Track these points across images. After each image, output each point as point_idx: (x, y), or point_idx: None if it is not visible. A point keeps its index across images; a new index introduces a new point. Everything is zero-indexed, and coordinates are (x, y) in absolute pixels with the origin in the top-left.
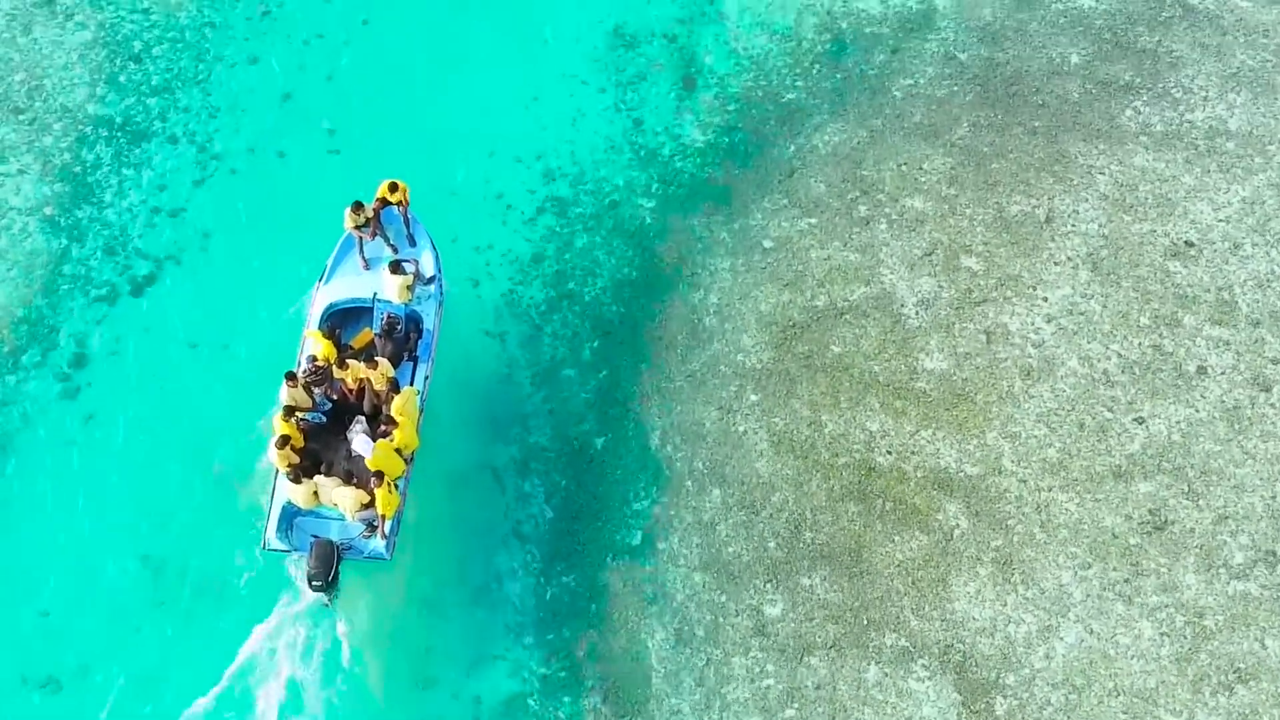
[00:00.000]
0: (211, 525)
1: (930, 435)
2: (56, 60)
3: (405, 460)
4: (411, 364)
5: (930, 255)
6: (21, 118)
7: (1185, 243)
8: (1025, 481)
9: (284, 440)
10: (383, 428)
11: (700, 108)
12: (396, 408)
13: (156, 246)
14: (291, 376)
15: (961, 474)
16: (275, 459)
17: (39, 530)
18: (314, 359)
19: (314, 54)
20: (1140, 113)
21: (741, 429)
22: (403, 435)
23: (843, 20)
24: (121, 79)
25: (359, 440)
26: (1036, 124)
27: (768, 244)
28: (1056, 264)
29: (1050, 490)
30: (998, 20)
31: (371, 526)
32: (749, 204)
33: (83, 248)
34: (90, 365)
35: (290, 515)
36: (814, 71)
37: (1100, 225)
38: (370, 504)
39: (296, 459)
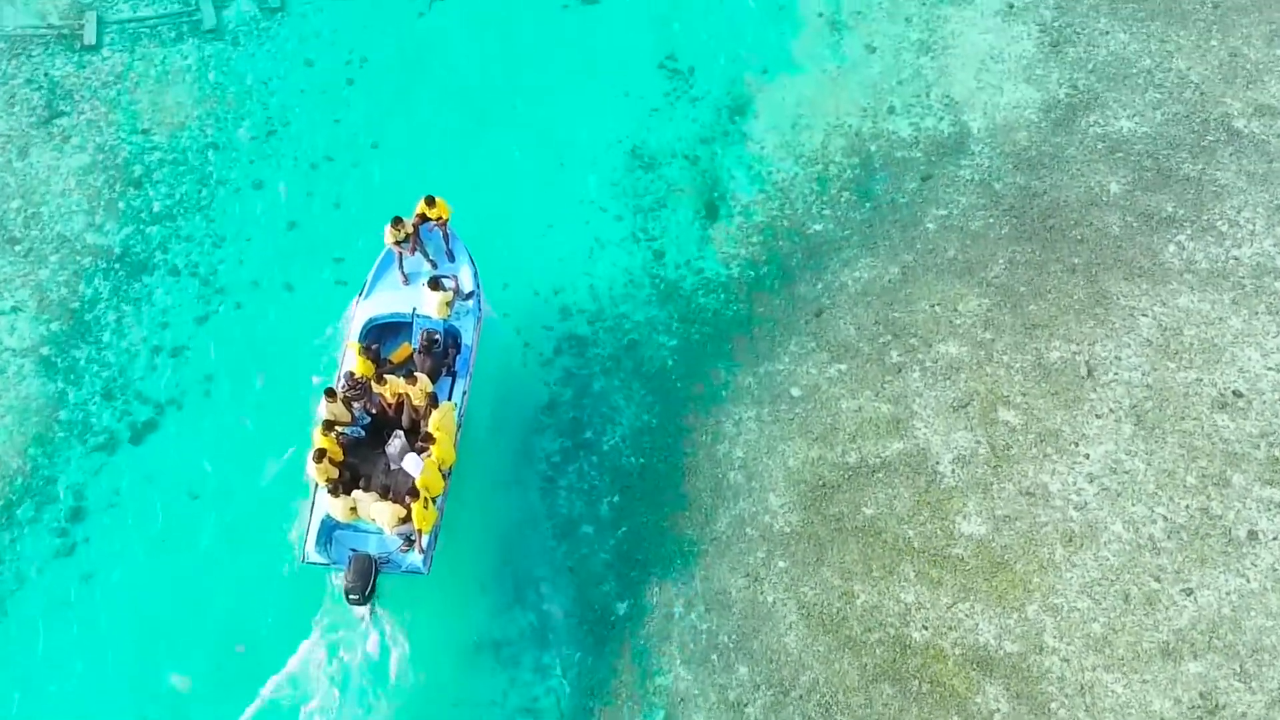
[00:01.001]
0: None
1: (968, 608)
2: (54, 186)
3: (445, 476)
4: (450, 379)
5: (966, 407)
6: (17, 249)
7: (1233, 393)
8: (1068, 660)
9: (320, 454)
10: (420, 443)
11: (723, 238)
12: (434, 423)
13: (157, 389)
14: (331, 392)
15: (1001, 652)
16: (313, 473)
17: (33, 701)
18: (352, 374)
19: (321, 178)
20: (1184, 248)
21: (770, 599)
22: (440, 450)
23: (872, 143)
24: (121, 206)
25: (409, 460)
26: (1076, 260)
27: (796, 392)
28: (1098, 417)
29: (1094, 670)
30: (1033, 145)
31: (409, 541)
32: (775, 346)
33: (80, 391)
34: (88, 519)
35: (329, 529)
36: (842, 200)
37: (1143, 374)
38: (408, 518)
39: (335, 473)
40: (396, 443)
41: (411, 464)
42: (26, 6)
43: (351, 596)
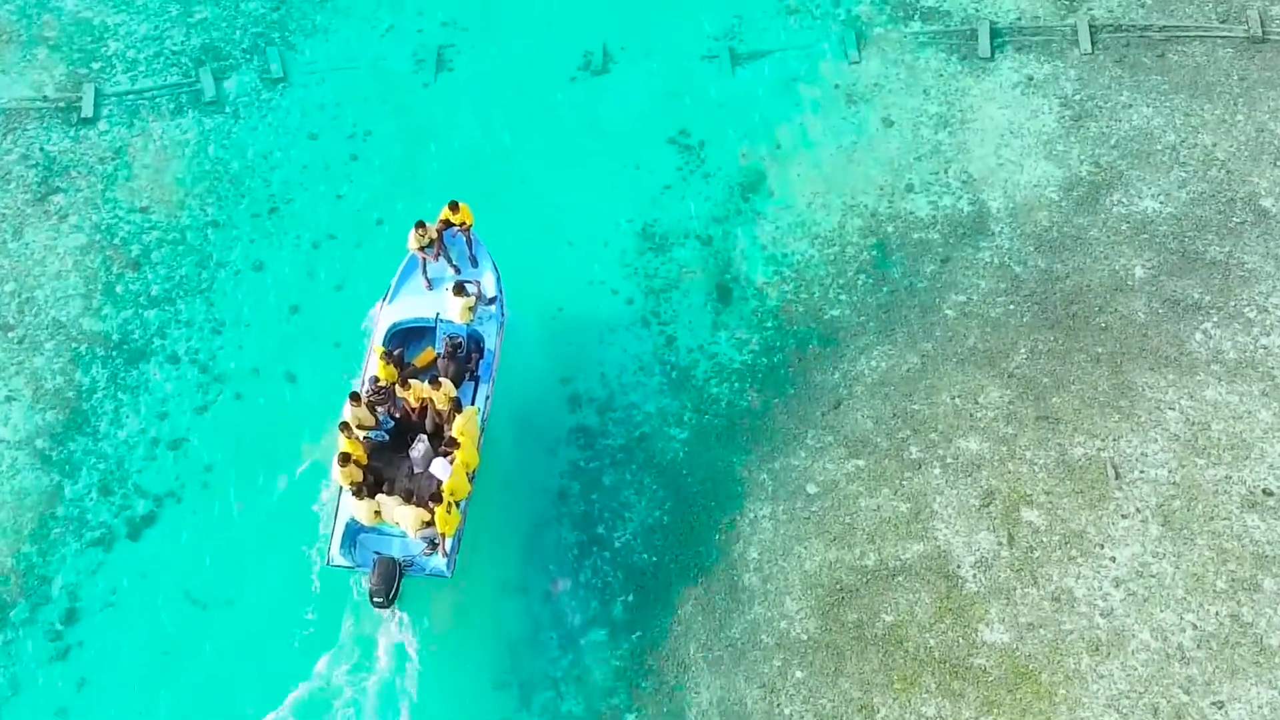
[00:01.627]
0: None
1: None
2: (49, 267)
3: (469, 479)
4: (473, 383)
5: (988, 506)
6: (11, 335)
7: (1264, 491)
8: None
9: (345, 458)
10: (444, 447)
11: (737, 323)
12: (458, 428)
13: (156, 482)
14: (355, 396)
15: None
16: (338, 476)
17: None
18: (376, 379)
19: (323, 258)
20: (1211, 336)
21: (787, 711)
22: (464, 454)
23: (889, 223)
24: (118, 289)
25: (437, 464)
26: (1100, 350)
27: (812, 489)
28: (1124, 517)
29: None
30: (1055, 226)
31: (432, 544)
32: (791, 440)
33: (76, 485)
34: (83, 620)
35: (353, 532)
36: (859, 283)
37: (1170, 471)
38: (431, 522)
39: (359, 476)
40: (420, 447)
41: (439, 468)
42: (22, 77)
43: (376, 599)
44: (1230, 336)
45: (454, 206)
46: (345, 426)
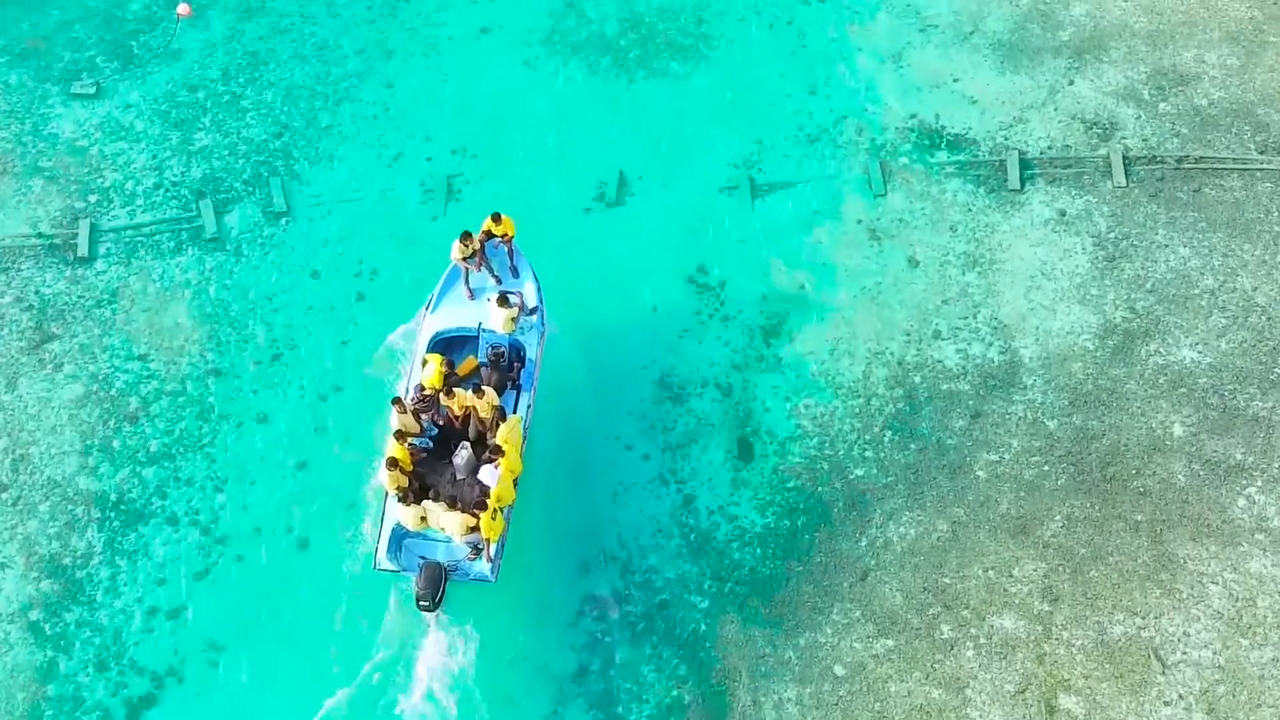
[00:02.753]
0: None
1: None
2: (44, 421)
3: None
4: (515, 392)
5: (1024, 692)
6: (5, 496)
7: None
8: None
9: (393, 462)
10: (488, 455)
11: (759, 481)
12: (502, 436)
13: (154, 658)
14: (399, 402)
15: None
16: (386, 481)
17: None
18: (421, 387)
19: (330, 411)
20: (1254, 502)
21: None
22: (509, 462)
23: (916, 373)
24: (116, 445)
25: (485, 471)
26: (1139, 517)
27: (840, 670)
28: (1167, 704)
29: None
30: (1089, 379)
31: (476, 549)
32: (817, 613)
33: (71, 660)
34: None
35: (399, 537)
36: (885, 440)
37: (1214, 652)
38: (476, 528)
39: (406, 481)
40: (463, 454)
41: (487, 475)
42: (16, 213)
43: (422, 603)
44: (1275, 502)
45: (496, 218)
46: (399, 434)
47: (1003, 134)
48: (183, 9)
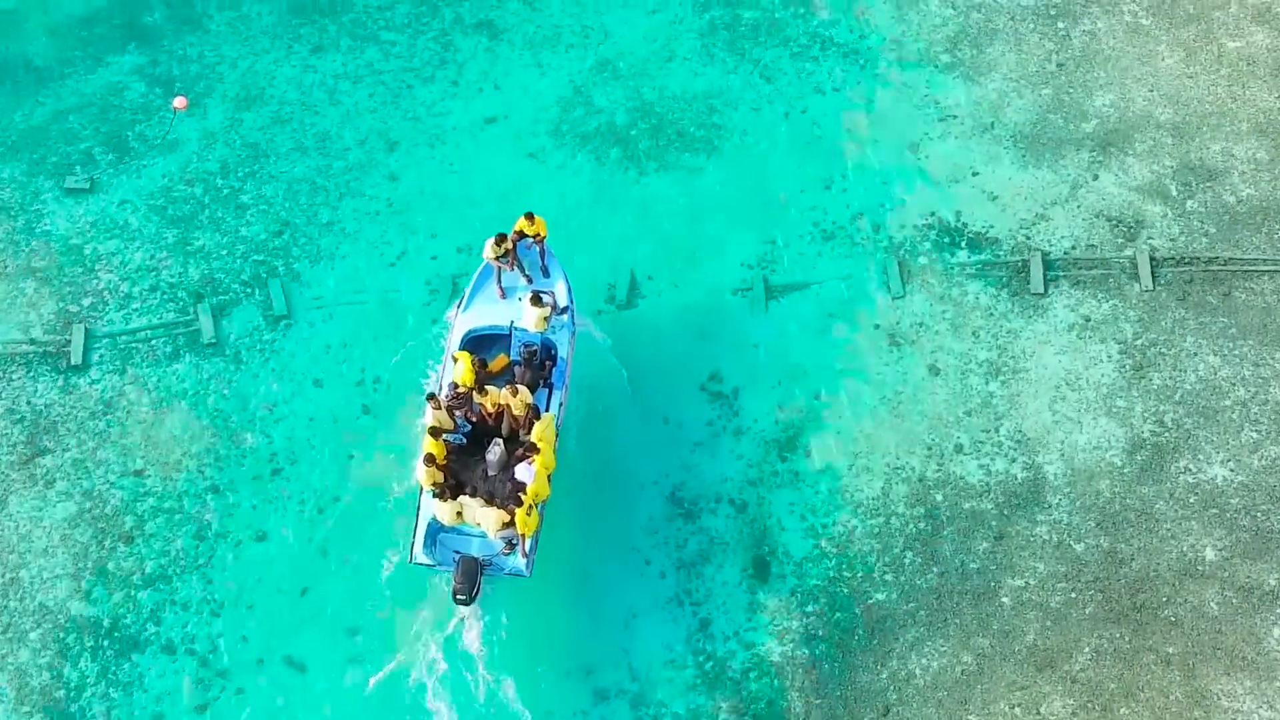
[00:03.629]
0: None
1: None
2: (35, 542)
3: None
4: (547, 390)
5: None
6: None
7: None
8: None
9: (429, 458)
10: (521, 452)
11: (775, 605)
12: (537, 434)
13: None
14: (434, 398)
15: None
16: (422, 476)
17: None
18: (455, 385)
19: (335, 530)
20: None
21: None
22: (544, 459)
23: (937, 490)
24: (110, 567)
25: (521, 469)
26: (1170, 650)
27: None
28: None
29: None
30: (1117, 498)
31: (510, 544)
32: None
33: None
34: None
35: (434, 532)
36: (906, 561)
37: None
38: (511, 523)
39: (441, 477)
40: (496, 450)
41: (523, 472)
42: (8, 316)
43: (459, 597)
44: None
45: (530, 217)
46: (433, 430)
47: (1025, 232)
48: (178, 102)
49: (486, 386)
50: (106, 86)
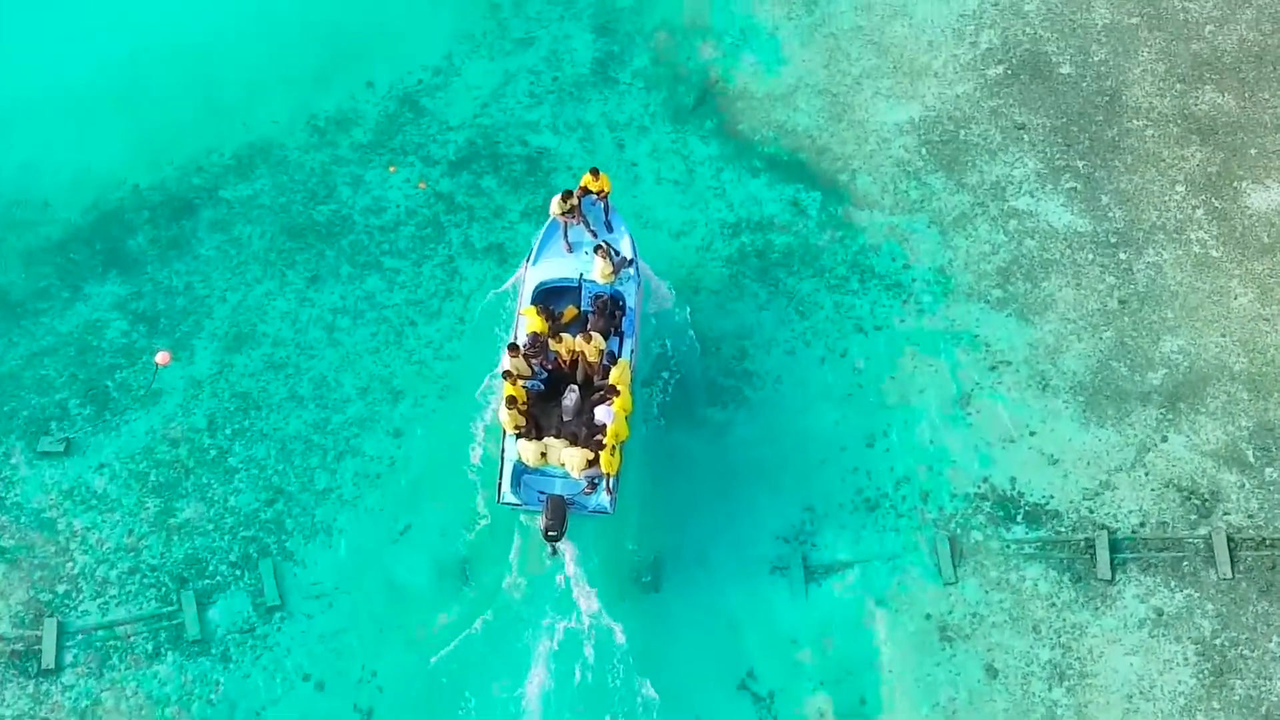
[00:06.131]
0: None
1: None
2: None
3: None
4: (618, 338)
5: None
6: None
7: None
8: None
9: (511, 401)
10: (600, 395)
11: None
12: (615, 377)
13: None
14: (514, 347)
15: None
16: (505, 420)
17: None
18: (534, 334)
19: None
20: None
21: None
22: (621, 401)
23: None
24: None
25: (601, 410)
26: None
27: None
28: None
29: None
30: None
31: (592, 484)
32: None
33: None
34: None
35: (519, 473)
36: None
37: None
38: (594, 463)
39: (523, 420)
40: (572, 396)
41: (604, 414)
42: None
43: (550, 534)
44: None
45: (594, 173)
46: (508, 374)
47: (1088, 505)
48: (161, 358)
49: (560, 334)
50: (84, 325)
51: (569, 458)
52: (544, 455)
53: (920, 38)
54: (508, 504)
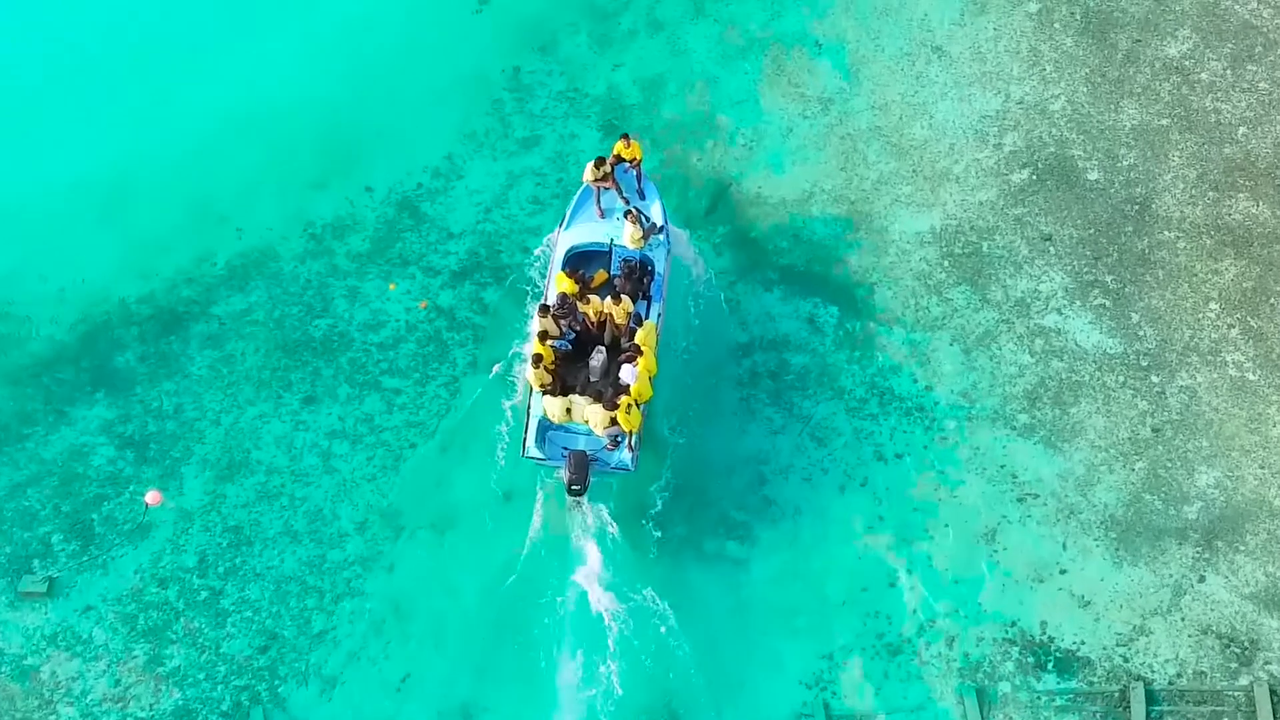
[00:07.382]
0: None
1: None
2: None
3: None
4: (646, 302)
5: None
6: None
7: None
8: None
9: (538, 359)
10: (625, 356)
11: None
12: (640, 338)
13: None
14: (544, 308)
15: None
16: (531, 377)
17: None
18: (564, 295)
19: None
20: None
21: None
22: (646, 361)
23: None
24: None
25: (626, 370)
26: None
27: None
28: None
29: None
30: None
31: (615, 441)
32: None
33: None
34: None
35: (543, 429)
36: None
37: None
38: (617, 420)
39: (549, 379)
40: (599, 357)
41: (627, 373)
42: None
43: (574, 488)
44: None
45: (626, 140)
46: (541, 335)
47: (1122, 651)
48: (151, 497)
49: (590, 296)
50: (70, 450)
51: (592, 415)
52: (569, 411)
53: (941, 140)
54: (532, 458)
